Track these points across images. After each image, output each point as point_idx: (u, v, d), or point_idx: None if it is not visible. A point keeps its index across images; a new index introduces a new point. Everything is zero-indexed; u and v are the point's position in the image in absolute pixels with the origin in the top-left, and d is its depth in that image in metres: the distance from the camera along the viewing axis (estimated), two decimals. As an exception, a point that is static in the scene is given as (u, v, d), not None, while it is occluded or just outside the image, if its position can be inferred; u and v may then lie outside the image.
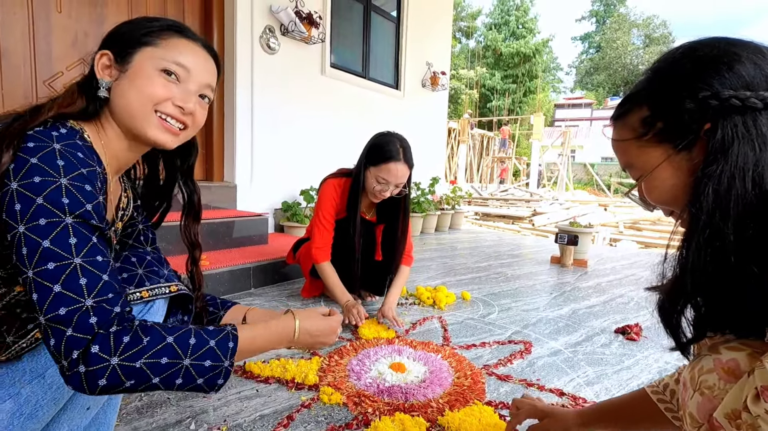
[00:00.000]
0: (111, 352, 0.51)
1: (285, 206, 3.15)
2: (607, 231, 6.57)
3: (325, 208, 1.83)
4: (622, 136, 0.60)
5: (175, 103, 0.68)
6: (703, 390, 0.51)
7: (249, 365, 1.27)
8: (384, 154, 1.70)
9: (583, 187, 17.28)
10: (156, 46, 0.67)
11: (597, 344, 1.59)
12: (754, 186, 0.48)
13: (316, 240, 1.81)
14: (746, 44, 0.53)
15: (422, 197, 4.21)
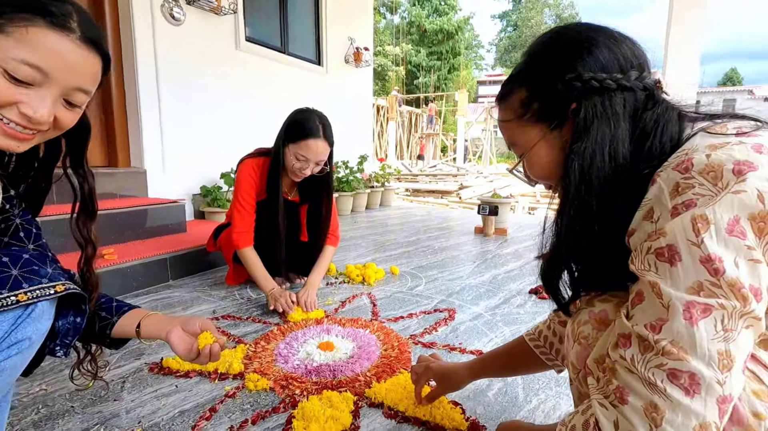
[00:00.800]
0: None
1: (204, 191, 2.97)
2: (526, 200, 7.05)
3: (243, 189, 1.74)
4: (505, 116, 0.64)
5: (21, 110, 0.55)
6: (580, 340, 0.57)
7: (167, 361, 1.20)
8: (303, 131, 1.65)
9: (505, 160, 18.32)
10: (6, 34, 0.52)
11: (513, 305, 1.72)
12: (611, 159, 0.54)
13: (236, 225, 1.73)
14: (604, 30, 0.57)
15: (351, 175, 4.19)
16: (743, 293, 0.42)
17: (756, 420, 0.45)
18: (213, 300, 1.76)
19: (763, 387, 0.46)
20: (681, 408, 0.42)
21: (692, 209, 0.44)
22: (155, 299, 1.77)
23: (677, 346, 0.43)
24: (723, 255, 0.42)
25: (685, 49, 3.45)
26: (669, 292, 0.44)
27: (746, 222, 0.42)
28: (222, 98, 3.22)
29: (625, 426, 0.44)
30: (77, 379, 0.84)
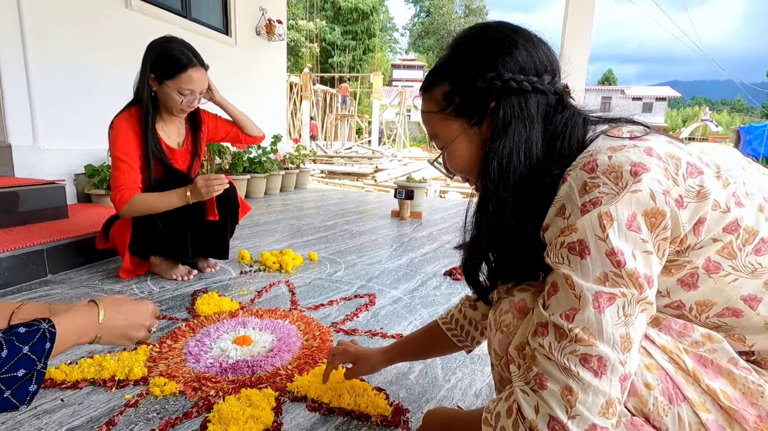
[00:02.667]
0: None
1: (90, 170, 2.59)
2: (437, 184, 7.37)
3: (120, 141, 1.53)
4: (428, 108, 0.64)
5: None
6: (502, 329, 0.61)
7: (49, 371, 1.03)
8: (178, 64, 1.53)
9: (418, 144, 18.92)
10: None
11: (430, 287, 1.79)
12: (526, 159, 0.57)
13: (119, 182, 1.51)
14: (523, 32, 0.60)
15: (264, 156, 3.98)
16: (640, 282, 0.47)
17: (647, 390, 0.51)
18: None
19: (652, 361, 0.53)
20: (591, 389, 0.46)
21: (599, 207, 0.48)
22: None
23: (588, 333, 0.47)
24: (624, 249, 0.47)
25: (576, 49, 3.82)
26: (580, 284, 0.48)
27: (641, 218, 0.48)
28: (110, 64, 2.80)
29: (545, 409, 0.48)
30: None
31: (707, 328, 0.54)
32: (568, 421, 0.46)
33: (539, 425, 0.48)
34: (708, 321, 0.54)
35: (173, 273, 1.73)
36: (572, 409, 0.47)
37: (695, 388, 0.49)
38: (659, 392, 0.49)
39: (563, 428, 0.46)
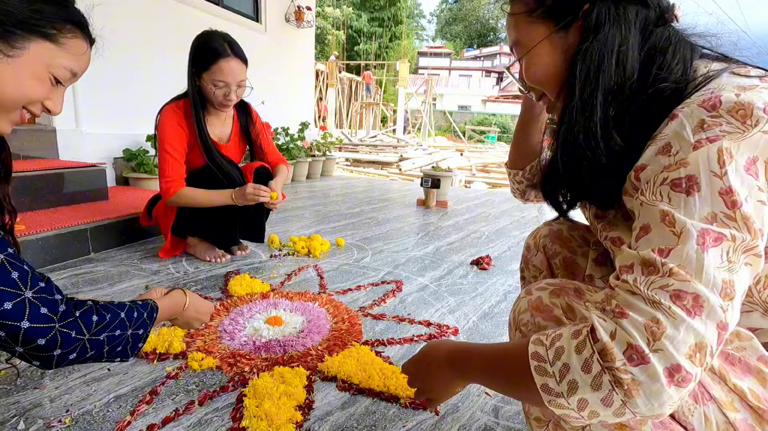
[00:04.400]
0: (85, 332, 0.59)
1: (128, 154, 2.69)
2: (462, 173, 7.29)
3: (168, 134, 1.58)
4: (516, 9, 0.59)
5: (45, 105, 0.62)
6: (520, 328, 0.57)
7: (95, 342, 1.09)
8: (210, 54, 1.54)
9: (443, 134, 18.71)
10: (56, 44, 0.59)
11: (456, 276, 1.79)
12: (618, 65, 0.51)
13: (166, 174, 1.57)
14: None
15: (291, 143, 4.03)
16: (754, 227, 0.42)
17: None
18: (144, 275, 1.62)
19: None
20: (684, 325, 0.40)
21: (718, 142, 0.43)
22: (75, 274, 1.59)
23: (684, 269, 0.41)
24: (740, 190, 0.42)
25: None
26: (683, 220, 0.43)
27: (762, 164, 0.43)
28: (144, 52, 2.88)
29: (623, 336, 0.41)
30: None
31: (761, 309, 0.50)
32: (649, 353, 0.39)
33: (614, 349, 0.41)
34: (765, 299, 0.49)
35: (208, 254, 1.79)
36: (656, 342, 0.40)
37: (722, 387, 0.46)
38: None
39: (642, 359, 0.39)
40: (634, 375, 0.39)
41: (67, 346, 0.57)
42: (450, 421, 0.91)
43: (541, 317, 0.54)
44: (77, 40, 0.62)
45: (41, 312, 0.55)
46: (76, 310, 0.59)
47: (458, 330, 1.30)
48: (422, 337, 1.24)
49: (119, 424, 0.84)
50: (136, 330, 0.67)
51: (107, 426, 0.84)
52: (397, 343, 1.21)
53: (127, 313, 0.66)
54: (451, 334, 1.28)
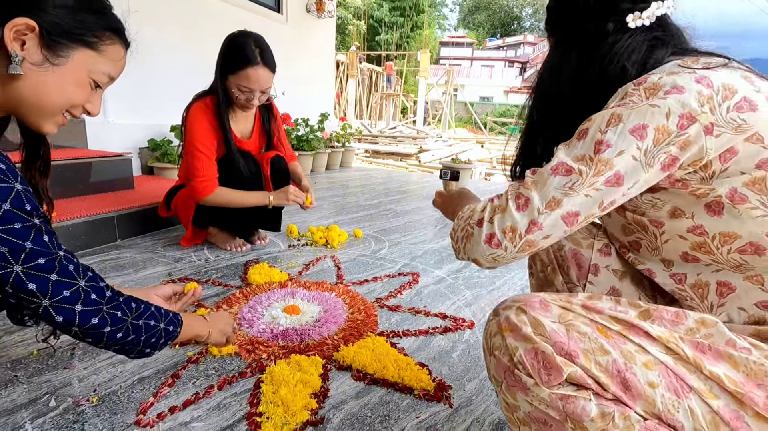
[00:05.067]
0: (128, 314, 0.66)
1: (152, 144, 2.75)
2: (483, 166, 7.20)
3: (198, 132, 1.59)
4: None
5: (86, 107, 0.67)
6: (494, 353, 0.54)
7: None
8: (240, 60, 1.54)
9: (463, 125, 18.48)
10: (97, 51, 0.63)
11: (474, 269, 1.77)
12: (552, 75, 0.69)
13: (199, 173, 1.59)
14: None
15: (311, 134, 4.05)
16: (601, 169, 0.53)
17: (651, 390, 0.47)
18: (168, 262, 1.67)
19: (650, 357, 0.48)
20: (508, 213, 0.57)
21: (616, 108, 0.55)
22: (103, 260, 1.65)
23: (534, 183, 0.57)
24: (614, 144, 0.53)
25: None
26: (559, 155, 0.58)
27: (652, 130, 0.52)
28: (171, 43, 2.93)
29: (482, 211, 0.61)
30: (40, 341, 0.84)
31: (728, 267, 0.56)
32: (485, 223, 0.59)
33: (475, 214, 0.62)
34: (729, 257, 0.55)
35: (228, 244, 1.83)
36: (492, 218, 0.59)
37: (698, 376, 0.46)
38: (664, 388, 0.46)
39: (479, 224, 0.60)
40: (474, 231, 0.61)
41: (115, 324, 0.64)
42: (464, 414, 0.91)
43: (512, 337, 0.52)
44: (115, 46, 0.66)
45: (92, 298, 0.62)
46: (119, 297, 0.66)
47: (474, 323, 1.30)
48: (437, 330, 1.24)
49: (143, 405, 0.87)
50: (167, 326, 0.73)
51: (132, 406, 0.87)
52: (412, 335, 1.21)
53: (156, 309, 0.72)
54: (467, 328, 1.27)
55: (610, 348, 0.47)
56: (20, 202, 0.55)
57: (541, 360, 0.48)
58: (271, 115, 1.86)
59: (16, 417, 0.83)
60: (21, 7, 0.56)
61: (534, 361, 0.49)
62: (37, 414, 0.84)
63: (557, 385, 0.47)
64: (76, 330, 0.62)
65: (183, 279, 1.51)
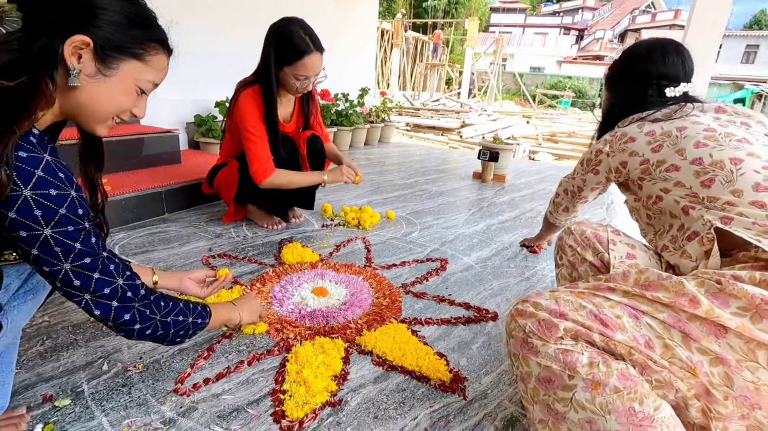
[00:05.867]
0: (157, 313, 0.73)
1: (198, 120, 2.87)
2: (527, 143, 6.93)
3: (250, 116, 1.66)
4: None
5: (133, 112, 0.72)
6: (511, 334, 0.71)
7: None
8: (296, 51, 1.58)
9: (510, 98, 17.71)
10: (144, 62, 0.68)
11: (504, 258, 1.76)
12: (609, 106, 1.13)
13: (256, 157, 1.65)
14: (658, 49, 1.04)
15: (351, 109, 4.05)
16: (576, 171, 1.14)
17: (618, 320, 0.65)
18: (209, 237, 1.77)
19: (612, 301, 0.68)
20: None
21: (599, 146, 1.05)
22: (152, 233, 1.78)
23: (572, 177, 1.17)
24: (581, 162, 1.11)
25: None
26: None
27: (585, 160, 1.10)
28: (214, 21, 2.99)
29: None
30: None
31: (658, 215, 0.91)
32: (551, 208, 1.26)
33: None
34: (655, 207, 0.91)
35: (265, 221, 1.91)
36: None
37: (645, 301, 0.65)
38: (627, 316, 0.64)
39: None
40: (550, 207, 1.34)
41: (144, 322, 0.71)
42: (477, 407, 0.94)
43: (521, 318, 0.69)
44: (159, 55, 0.70)
45: (127, 295, 0.69)
46: (151, 295, 0.73)
47: (497, 315, 1.30)
48: (460, 320, 1.26)
49: (181, 375, 0.96)
50: (196, 319, 0.81)
51: (171, 375, 0.97)
52: (435, 323, 1.24)
53: (184, 305, 0.80)
54: (490, 319, 1.28)
55: (585, 304, 0.67)
56: (74, 207, 0.61)
57: (543, 324, 0.65)
58: (310, 96, 1.90)
59: (75, 377, 0.94)
60: (78, 24, 0.60)
61: (539, 327, 0.66)
62: (92, 375, 0.95)
63: (559, 339, 0.64)
64: (111, 325, 0.69)
65: (222, 255, 1.60)
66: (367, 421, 0.87)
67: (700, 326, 0.61)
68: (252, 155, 1.66)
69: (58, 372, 0.95)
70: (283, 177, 1.70)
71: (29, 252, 0.60)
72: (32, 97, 0.58)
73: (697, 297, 0.61)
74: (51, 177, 0.59)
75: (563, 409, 0.62)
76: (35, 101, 0.58)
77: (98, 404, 0.87)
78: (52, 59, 0.59)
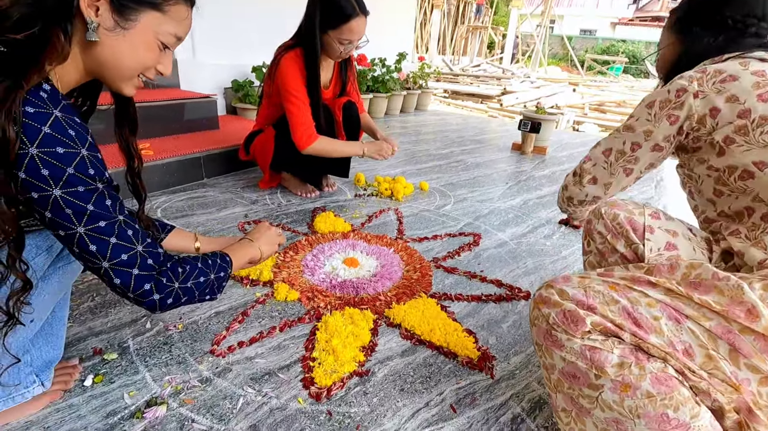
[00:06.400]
0: (174, 281, 0.70)
1: (236, 85, 2.89)
2: (572, 113, 6.57)
3: (292, 79, 1.64)
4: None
5: (157, 69, 0.70)
6: (534, 323, 0.66)
7: (203, 262, 1.28)
8: (342, 14, 1.55)
9: (557, 63, 16.71)
10: (164, 13, 0.65)
11: (540, 235, 1.70)
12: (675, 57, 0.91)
13: (300, 123, 1.65)
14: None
15: (387, 75, 3.94)
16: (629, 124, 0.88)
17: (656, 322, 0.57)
18: (245, 203, 1.81)
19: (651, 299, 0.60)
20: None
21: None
22: (191, 197, 1.84)
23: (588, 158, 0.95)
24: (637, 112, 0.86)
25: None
26: None
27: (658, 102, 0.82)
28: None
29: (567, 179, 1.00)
30: None
31: (737, 194, 0.74)
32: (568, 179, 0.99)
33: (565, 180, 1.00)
34: (737, 185, 0.73)
35: (299, 189, 1.93)
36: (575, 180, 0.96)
37: (691, 304, 0.57)
38: (666, 318, 0.57)
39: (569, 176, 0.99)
40: (567, 179, 0.99)
41: (161, 291, 0.68)
42: (504, 387, 0.93)
43: (545, 307, 0.63)
44: (179, 6, 0.67)
45: (148, 263, 0.66)
46: (168, 262, 0.70)
47: (530, 294, 1.27)
48: (491, 297, 1.24)
49: (217, 337, 1.01)
50: (218, 274, 0.78)
51: (208, 336, 1.01)
52: (465, 300, 1.23)
53: (202, 263, 0.76)
54: (522, 298, 1.25)
55: (618, 297, 0.59)
56: (84, 167, 0.58)
57: (569, 317, 0.59)
58: (348, 61, 1.86)
59: (121, 332, 1.01)
60: None
61: (564, 319, 0.60)
62: (137, 332, 1.01)
63: (586, 334, 0.58)
64: (132, 296, 0.66)
65: (257, 222, 1.64)
66: (393, 393, 0.89)
67: (755, 341, 0.53)
68: (295, 120, 1.65)
69: (106, 327, 1.02)
70: (325, 144, 1.70)
71: (44, 215, 0.58)
72: (42, 50, 0.56)
73: (757, 308, 0.53)
74: (59, 134, 0.56)
75: (588, 405, 0.59)
76: (45, 54, 0.56)
77: (142, 360, 0.93)
78: (68, 12, 0.58)
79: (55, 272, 0.72)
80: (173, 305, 0.71)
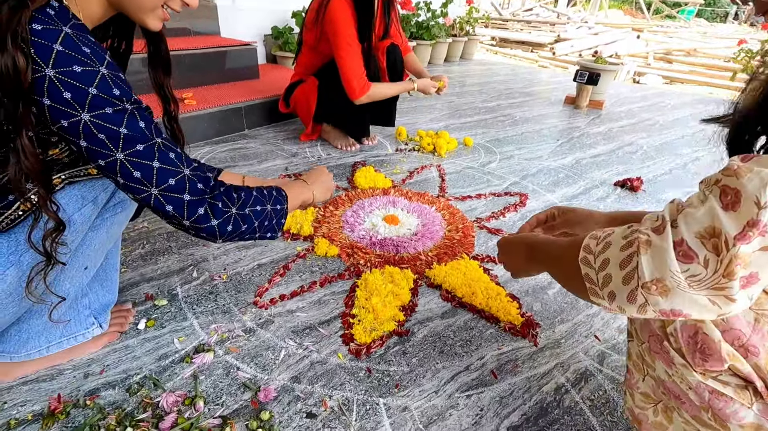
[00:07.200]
0: (230, 205, 0.66)
1: (276, 32, 2.80)
2: (633, 63, 5.99)
3: (347, 27, 1.57)
4: None
5: (184, 0, 0.65)
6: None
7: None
8: None
9: (619, 6, 15.12)
10: None
11: (594, 197, 1.59)
12: None
13: (352, 71, 1.60)
14: None
15: (432, 20, 3.70)
16: None
17: None
18: (285, 156, 1.80)
19: None
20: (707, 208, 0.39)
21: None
22: (233, 148, 1.84)
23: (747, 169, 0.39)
24: None
25: None
26: None
27: None
28: None
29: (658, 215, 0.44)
30: None
31: None
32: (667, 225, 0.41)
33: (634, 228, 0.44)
34: None
35: (340, 142, 1.89)
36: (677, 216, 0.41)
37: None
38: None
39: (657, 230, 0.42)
40: (650, 236, 0.41)
41: (219, 216, 0.64)
42: (548, 355, 0.90)
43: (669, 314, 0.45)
44: None
45: (198, 187, 0.62)
46: (220, 187, 0.66)
47: (580, 261, 1.20)
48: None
49: (259, 289, 1.02)
50: (274, 206, 0.73)
51: (251, 287, 1.03)
52: (509, 263, 1.18)
53: (257, 192, 0.72)
54: (571, 264, 1.19)
55: None
56: (106, 86, 0.54)
57: (700, 343, 0.42)
58: (391, 3, 1.75)
59: (170, 280, 1.04)
60: None
61: (690, 341, 0.43)
62: (184, 281, 1.04)
63: (712, 372, 0.43)
64: (188, 225, 0.63)
65: (297, 175, 1.63)
66: (432, 355, 0.88)
67: None
68: (348, 69, 1.60)
69: (156, 274, 1.06)
70: (377, 90, 1.67)
71: (80, 145, 0.55)
72: None
73: None
74: (72, 51, 0.52)
75: (683, 420, 0.48)
76: None
77: (190, 307, 0.96)
78: None
79: (103, 223, 0.73)
80: (234, 233, 0.67)
